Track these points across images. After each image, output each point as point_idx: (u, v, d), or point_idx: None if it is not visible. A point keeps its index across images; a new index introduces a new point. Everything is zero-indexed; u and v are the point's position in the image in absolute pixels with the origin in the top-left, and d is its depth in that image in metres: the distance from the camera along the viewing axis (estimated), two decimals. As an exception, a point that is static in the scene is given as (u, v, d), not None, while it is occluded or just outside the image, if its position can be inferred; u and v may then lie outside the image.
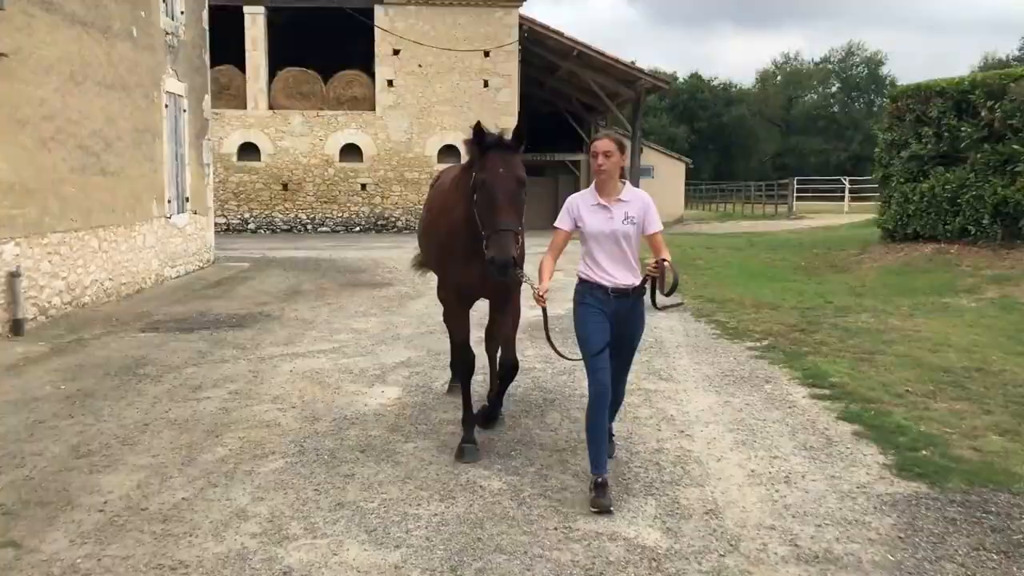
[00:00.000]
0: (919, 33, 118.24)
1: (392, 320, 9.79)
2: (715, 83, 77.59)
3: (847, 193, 35.62)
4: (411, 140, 25.52)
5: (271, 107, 25.19)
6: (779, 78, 79.81)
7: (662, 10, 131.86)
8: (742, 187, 46.97)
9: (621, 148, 4.35)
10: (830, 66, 78.48)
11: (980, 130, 13.65)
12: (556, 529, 3.96)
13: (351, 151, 25.52)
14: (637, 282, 4.31)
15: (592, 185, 4.45)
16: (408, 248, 19.73)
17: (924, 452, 5.01)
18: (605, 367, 4.26)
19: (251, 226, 25.43)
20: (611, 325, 4.31)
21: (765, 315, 9.93)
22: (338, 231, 25.56)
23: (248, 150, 25.27)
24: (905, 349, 7.81)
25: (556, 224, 4.44)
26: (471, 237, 4.55)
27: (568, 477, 4.63)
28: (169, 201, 13.32)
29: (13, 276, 8.51)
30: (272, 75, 25.17)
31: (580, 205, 4.40)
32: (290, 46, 25.75)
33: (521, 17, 25.25)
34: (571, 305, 4.52)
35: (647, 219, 4.36)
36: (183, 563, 3.59)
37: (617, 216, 4.31)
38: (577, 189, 33.42)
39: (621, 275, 4.31)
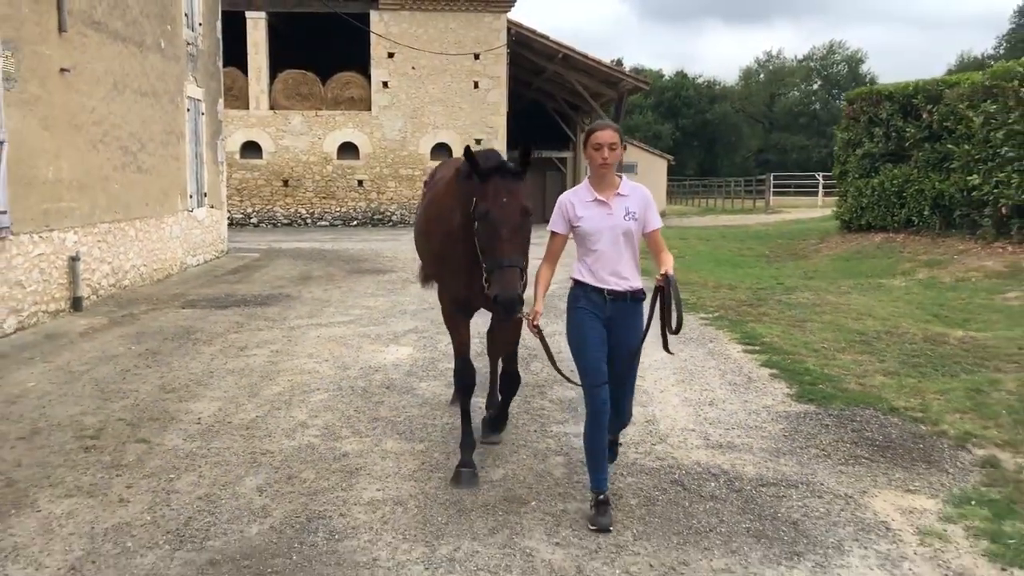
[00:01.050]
0: (909, 29, 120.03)
1: (398, 299, 11.23)
2: (699, 81, 79.31)
3: (821, 188, 37.22)
4: (405, 139, 26.91)
5: (272, 107, 26.54)
6: (762, 76, 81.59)
7: (652, 6, 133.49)
8: (723, 183, 48.59)
9: (621, 139, 4.03)
10: (812, 64, 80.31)
11: (922, 131, 15.23)
12: (536, 431, 5.43)
13: (348, 149, 26.90)
14: (637, 284, 4.04)
15: (586, 180, 4.09)
16: (404, 240, 21.22)
17: (821, 386, 6.51)
18: (603, 382, 3.97)
19: (253, 220, 26.78)
20: (607, 331, 4.03)
21: (722, 293, 11.43)
22: (336, 225, 26.95)
23: (250, 148, 26.61)
24: (832, 318, 9.32)
25: (551, 228, 4.09)
26: (468, 247, 4.21)
27: (545, 402, 6.11)
28: (191, 196, 14.71)
29: (73, 260, 9.90)
30: (273, 77, 26.53)
31: (575, 203, 4.03)
32: (290, 49, 27.12)
33: (509, 21, 26.66)
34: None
35: (647, 215, 4.05)
36: (269, 451, 5.04)
37: (617, 212, 3.97)
38: (563, 185, 34.98)
39: (619, 277, 3.99)
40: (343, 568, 3.54)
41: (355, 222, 27.09)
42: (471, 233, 4.14)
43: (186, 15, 14.37)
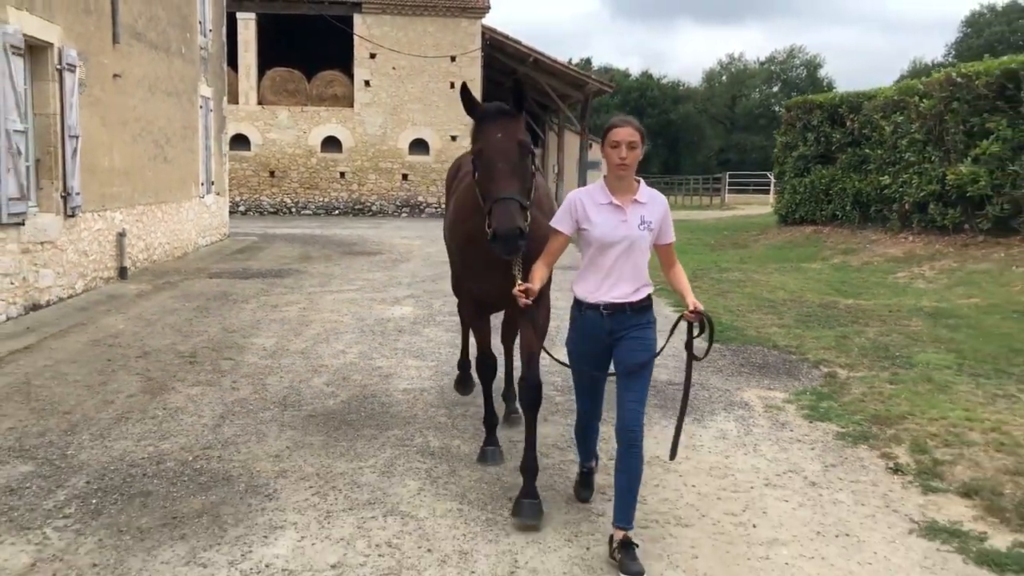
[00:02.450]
0: (879, 31, 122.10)
1: (392, 274, 13.19)
2: (664, 81, 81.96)
3: (772, 186, 39.66)
4: (385, 134, 28.76)
5: (260, 103, 28.22)
6: (724, 78, 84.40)
7: (624, 4, 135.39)
8: (684, 181, 51.00)
9: (643, 138, 3.69)
10: (773, 67, 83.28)
11: (846, 136, 17.49)
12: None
13: (331, 143, 28.68)
14: (642, 294, 3.79)
15: (601, 181, 3.80)
16: (386, 228, 23.16)
17: (728, 332, 8.61)
18: (593, 399, 4.00)
19: (241, 208, 28.44)
20: (608, 348, 3.79)
21: (667, 273, 13.54)
22: (319, 214, 28.73)
23: (239, 141, 28.23)
24: (751, 290, 11.47)
25: (553, 224, 3.80)
26: (488, 248, 3.87)
27: (521, 340, 8.14)
28: (202, 184, 16.51)
29: (120, 236, 11.73)
30: (261, 74, 28.20)
31: (586, 203, 3.73)
32: (277, 48, 28.83)
33: (484, 27, 28.61)
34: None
35: (664, 226, 3.80)
36: (324, 365, 7.01)
37: (632, 220, 3.68)
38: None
39: (621, 289, 3.73)
40: (395, 418, 5.55)
41: (337, 211, 28.90)
42: (482, 219, 3.87)
43: (200, 23, 16.16)
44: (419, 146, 28.56)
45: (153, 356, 7.20)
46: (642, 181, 3.79)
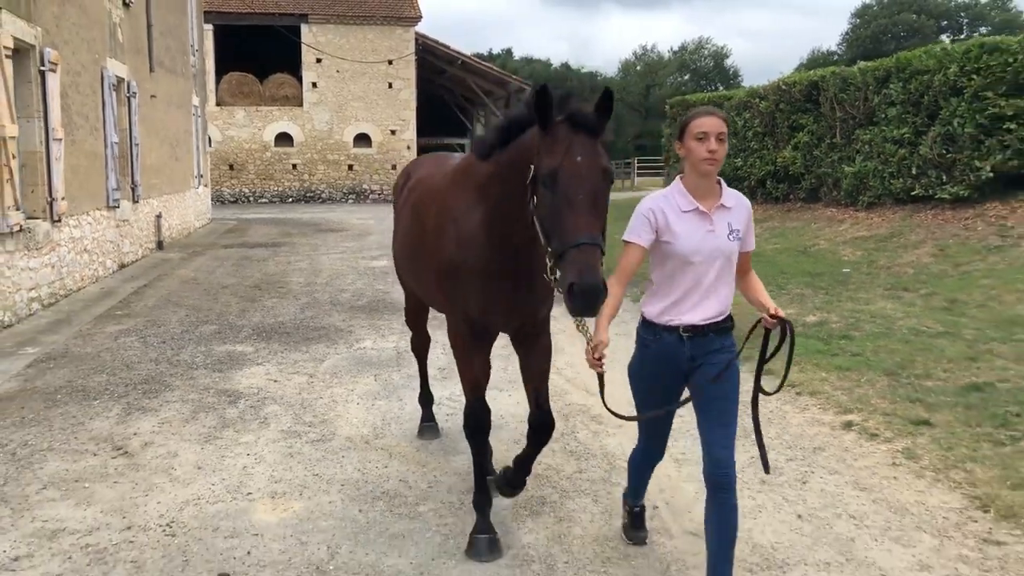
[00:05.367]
0: (797, 14, 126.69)
1: (362, 243, 17.23)
2: (583, 71, 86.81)
3: (677, 169, 44.53)
4: (332, 129, 32.50)
5: (219, 104, 31.61)
6: (639, 67, 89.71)
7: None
8: (601, 165, 55.81)
9: (729, 130, 3.24)
10: (685, 56, 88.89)
11: (713, 129, 22.12)
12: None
13: (284, 138, 32.30)
14: (725, 314, 3.25)
15: (677, 182, 3.27)
16: (339, 212, 27.04)
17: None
18: (660, 434, 3.54)
19: (204, 199, 31.87)
20: (684, 377, 3.29)
21: (572, 237, 17.93)
22: (275, 202, 32.33)
23: (200, 138, 31.65)
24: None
25: (627, 237, 3.26)
26: (495, 251, 3.40)
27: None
28: (195, 177, 20.19)
29: (158, 217, 15.50)
30: (219, 78, 31.60)
31: (667, 211, 3.19)
32: (233, 54, 32.22)
33: (417, 34, 32.55)
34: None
35: (748, 233, 3.28)
36: (345, 288, 11.09)
37: (720, 229, 3.17)
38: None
39: (703, 309, 3.21)
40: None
41: (290, 199, 32.54)
42: (499, 228, 3.37)
43: (191, 45, 19.81)
44: (362, 139, 32.41)
45: (231, 288, 11.19)
46: (723, 182, 3.28)
